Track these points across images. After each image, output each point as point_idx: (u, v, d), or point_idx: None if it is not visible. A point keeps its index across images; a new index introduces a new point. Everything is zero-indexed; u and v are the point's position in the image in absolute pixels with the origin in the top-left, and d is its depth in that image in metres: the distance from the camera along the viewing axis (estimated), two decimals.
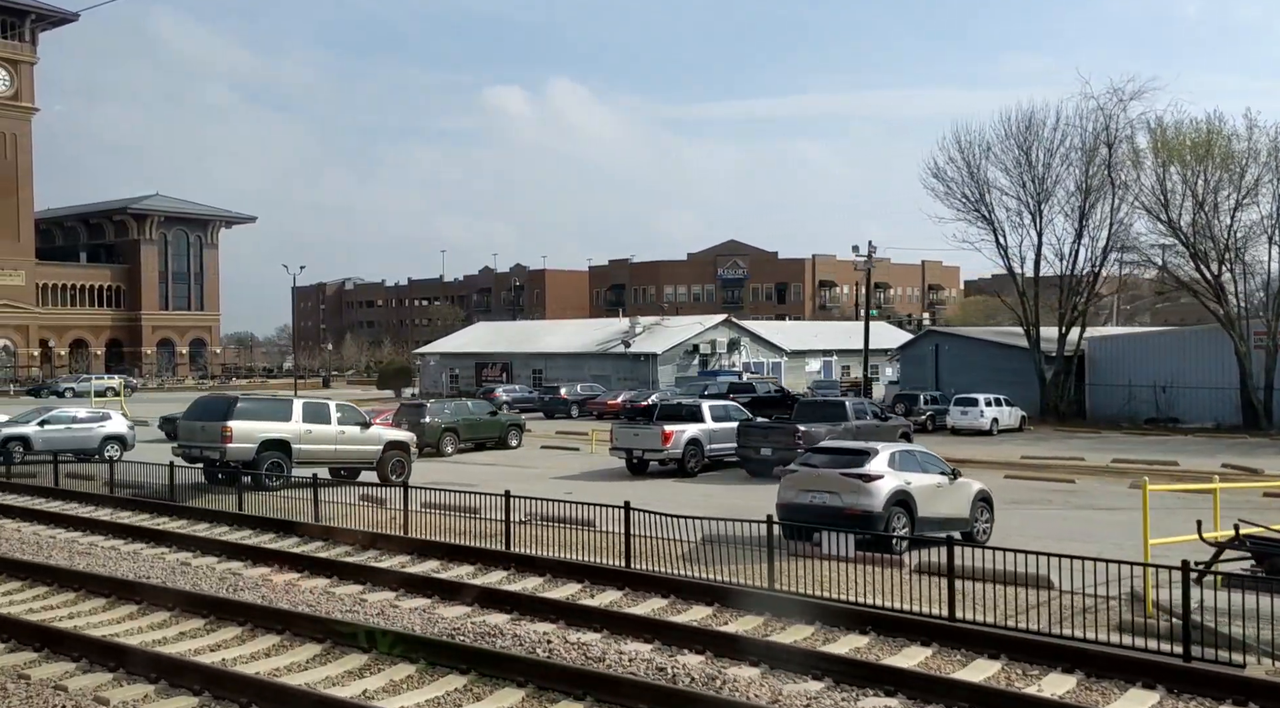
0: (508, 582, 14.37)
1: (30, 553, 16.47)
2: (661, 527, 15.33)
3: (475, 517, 18.81)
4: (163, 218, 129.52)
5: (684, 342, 62.52)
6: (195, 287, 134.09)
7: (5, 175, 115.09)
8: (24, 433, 32.60)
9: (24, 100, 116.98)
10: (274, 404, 25.88)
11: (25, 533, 18.97)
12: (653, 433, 27.35)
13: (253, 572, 15.05)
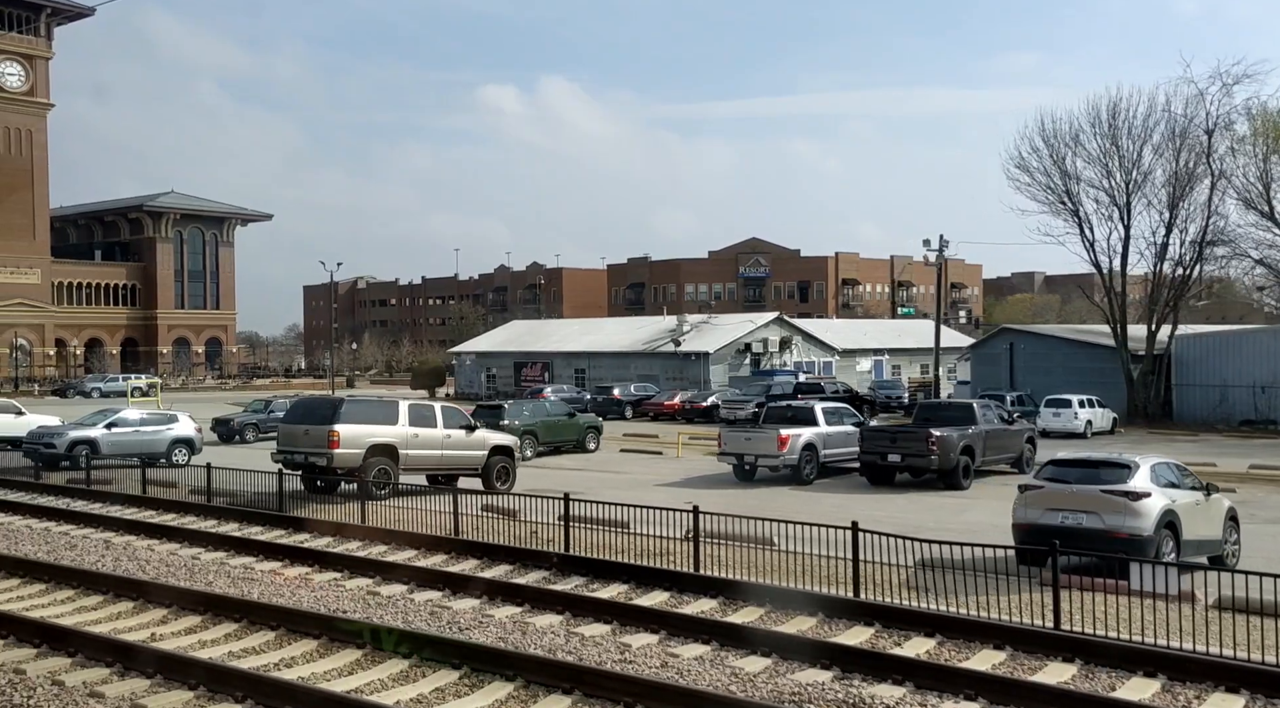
0: (767, 621, 12.31)
1: (183, 577, 14.94)
2: (872, 548, 13.80)
3: (628, 532, 17.29)
4: (178, 215, 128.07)
5: (735, 340, 60.96)
6: (211, 285, 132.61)
7: (20, 172, 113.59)
8: (92, 436, 31.06)
9: (38, 96, 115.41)
10: (379, 406, 24.30)
11: (142, 549, 17.47)
12: (767, 437, 25.81)
13: (500, 612, 12.73)
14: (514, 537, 18.09)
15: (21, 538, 18.15)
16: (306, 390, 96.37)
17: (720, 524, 15.61)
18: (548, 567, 14.83)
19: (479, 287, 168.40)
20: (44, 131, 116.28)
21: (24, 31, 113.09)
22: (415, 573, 14.42)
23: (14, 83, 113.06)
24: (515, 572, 15.05)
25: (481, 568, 15.44)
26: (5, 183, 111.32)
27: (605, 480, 27.67)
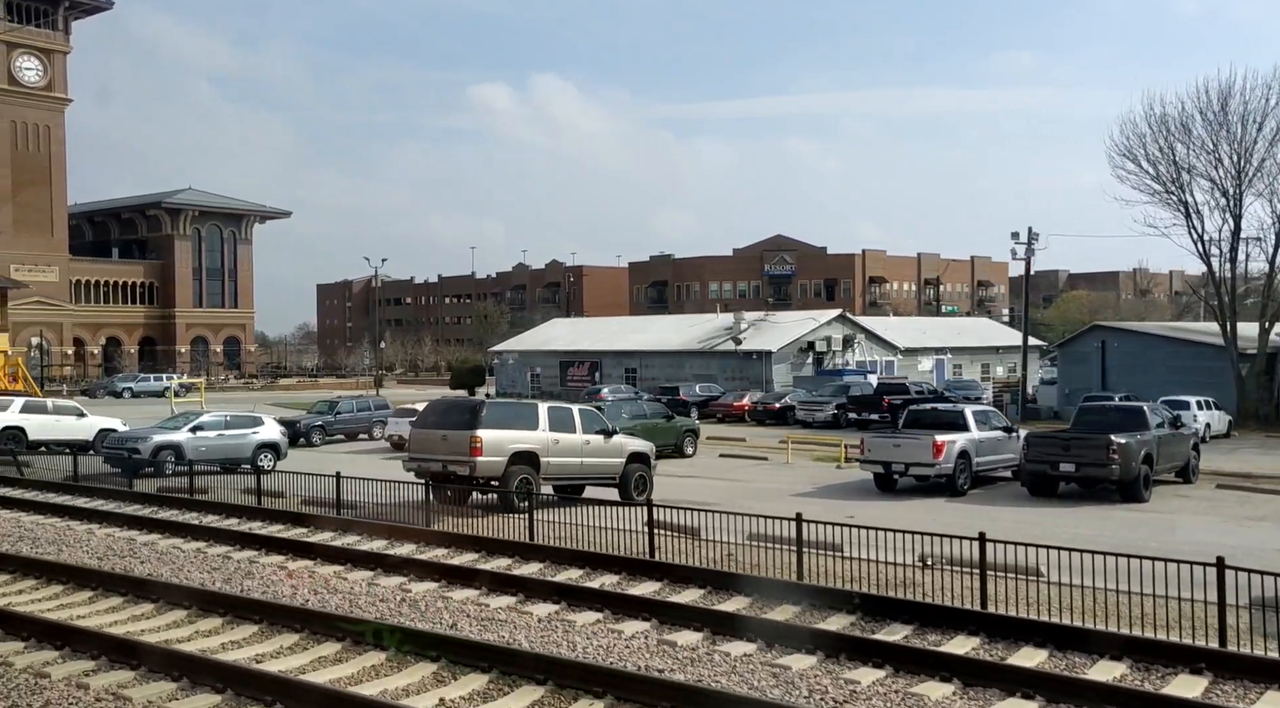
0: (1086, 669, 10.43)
1: (388, 611, 13.04)
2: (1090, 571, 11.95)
3: (843, 557, 15.39)
4: (196, 212, 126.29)
5: (798, 339, 59.07)
6: (229, 283, 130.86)
7: (38, 168, 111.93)
8: (176, 441, 29.25)
9: (56, 91, 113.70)
10: (520, 409, 22.42)
11: (302, 573, 15.60)
12: (920, 444, 23.96)
13: (802, 664, 10.47)
14: (718, 560, 16.20)
15: (181, 562, 16.18)
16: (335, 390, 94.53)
17: (1007, 555, 13.53)
18: (848, 610, 12.57)
19: (496, 285, 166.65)
20: (61, 127, 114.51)
21: (41, 25, 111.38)
22: (697, 615, 12.30)
23: (32, 77, 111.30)
24: (808, 615, 12.62)
25: (759, 607, 12.94)
26: (23, 179, 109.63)
27: (731, 490, 25.86)
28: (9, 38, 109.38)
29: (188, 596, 12.74)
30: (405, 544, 17.74)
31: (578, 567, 15.53)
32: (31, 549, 16.46)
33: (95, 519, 19.74)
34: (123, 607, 12.86)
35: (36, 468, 30.82)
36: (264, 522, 20.34)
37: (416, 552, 17.09)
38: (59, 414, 37.96)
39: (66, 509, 20.86)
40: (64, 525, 18.84)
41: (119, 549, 16.47)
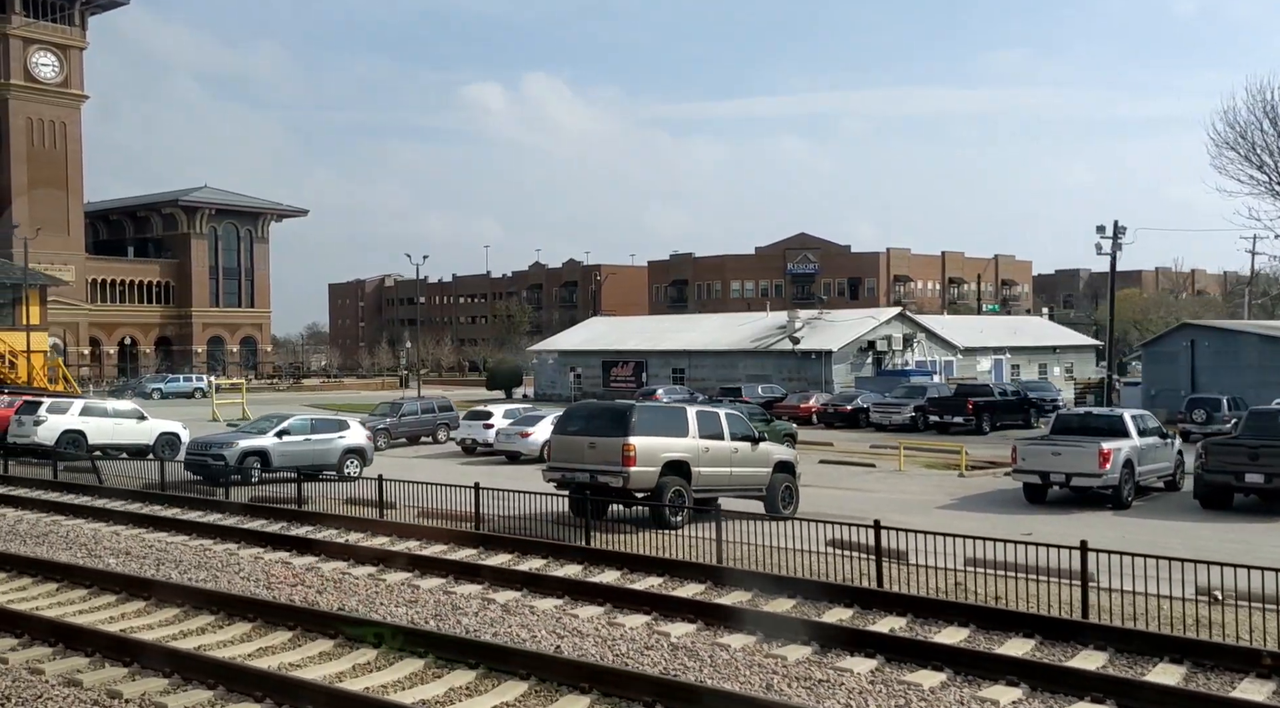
0: None
1: (591, 647, 11.36)
2: None
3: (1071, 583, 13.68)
4: (213, 211, 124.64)
5: (858, 338, 57.36)
6: (246, 282, 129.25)
7: (54, 165, 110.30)
8: (263, 447, 27.54)
9: (73, 87, 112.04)
10: (668, 413, 20.65)
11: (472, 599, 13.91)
12: (1084, 452, 22.23)
13: None
14: (947, 589, 14.47)
15: (372, 593, 14.32)
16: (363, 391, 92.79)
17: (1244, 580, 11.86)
18: (1259, 674, 10.37)
19: (512, 285, 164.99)
20: (78, 124, 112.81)
21: (58, 21, 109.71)
22: (1087, 683, 10.03)
23: (48, 73, 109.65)
24: (1208, 679, 10.59)
25: (1129, 665, 10.87)
26: (39, 177, 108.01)
27: (861, 501, 24.16)
28: (25, 33, 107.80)
29: (422, 641, 10.97)
30: (568, 564, 16.07)
31: (791, 595, 13.77)
32: (183, 574, 14.75)
33: (227, 537, 18.01)
34: (346, 653, 11.17)
35: (107, 474, 29.11)
36: (389, 537, 18.57)
37: (584, 574, 15.38)
38: (118, 417, 36.31)
39: (184, 525, 19.13)
40: (199, 545, 17.14)
41: (281, 575, 14.75)
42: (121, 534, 17.95)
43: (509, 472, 31.55)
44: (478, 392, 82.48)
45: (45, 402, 35.32)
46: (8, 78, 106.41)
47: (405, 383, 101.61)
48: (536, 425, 34.45)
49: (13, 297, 52.67)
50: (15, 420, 35.15)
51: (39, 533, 17.94)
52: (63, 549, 16.52)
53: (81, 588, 13.53)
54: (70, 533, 17.94)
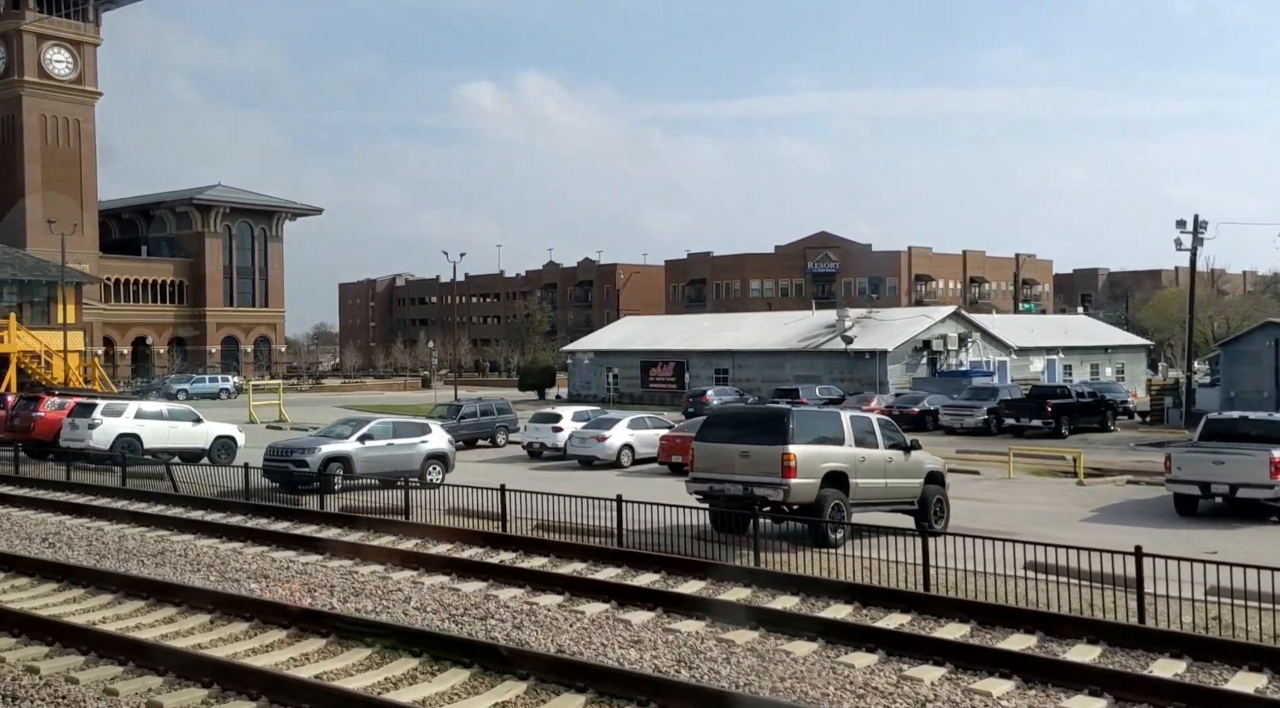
0: None
1: None
2: None
3: None
4: (227, 209, 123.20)
5: (913, 337, 55.81)
6: (260, 282, 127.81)
7: (68, 163, 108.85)
8: (346, 452, 26.04)
9: (87, 84, 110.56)
10: (823, 418, 19.10)
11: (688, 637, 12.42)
12: (1253, 461, 20.68)
13: None
14: (1206, 624, 12.92)
15: (568, 626, 12.78)
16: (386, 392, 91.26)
17: None
18: None
19: (526, 284, 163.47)
20: (92, 121, 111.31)
21: (71, 17, 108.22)
22: None
23: (62, 70, 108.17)
24: None
25: None
26: (53, 175, 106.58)
27: (991, 512, 22.68)
28: (39, 29, 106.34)
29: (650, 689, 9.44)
30: (733, 585, 14.54)
31: (1151, 650, 11.54)
32: (357, 606, 13.18)
33: (367, 557, 16.45)
34: None
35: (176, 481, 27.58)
36: (556, 559, 16.97)
37: (753, 598, 13.83)
38: (174, 420, 34.82)
39: (307, 543, 17.56)
40: (339, 566, 15.59)
41: (460, 605, 13.19)
42: (244, 553, 16.47)
43: (586, 478, 30.07)
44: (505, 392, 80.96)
45: (100, 404, 33.80)
46: (21, 74, 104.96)
47: (427, 383, 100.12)
48: (613, 429, 33.01)
49: (47, 295, 51.18)
50: (68, 423, 33.68)
51: (152, 551, 16.43)
52: (190, 570, 15.01)
53: (278, 628, 11.78)
54: (187, 551, 16.44)
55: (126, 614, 12.48)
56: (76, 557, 16.16)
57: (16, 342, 46.85)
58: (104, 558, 15.82)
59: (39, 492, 25.29)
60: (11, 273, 51.76)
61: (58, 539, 17.41)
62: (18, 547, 16.86)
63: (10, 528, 18.39)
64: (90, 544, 16.88)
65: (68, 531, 18.25)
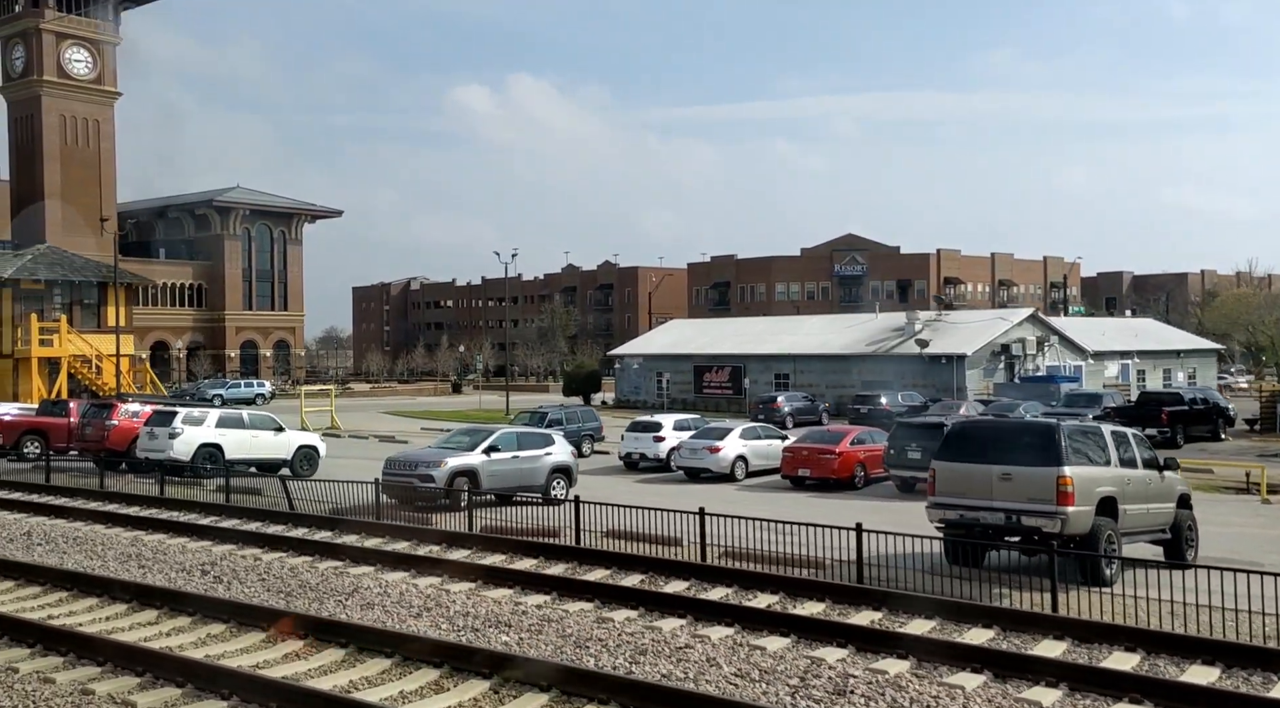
0: None
1: None
2: None
3: None
4: (246, 211, 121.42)
5: (991, 341, 53.73)
6: (279, 285, 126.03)
7: (87, 164, 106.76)
8: (473, 466, 23.96)
9: (106, 84, 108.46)
10: (1086, 433, 16.58)
11: None
12: None
13: None
14: None
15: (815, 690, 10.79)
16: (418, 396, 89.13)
17: None
18: None
19: (544, 287, 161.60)
20: (111, 122, 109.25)
21: (91, 16, 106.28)
22: None
23: (81, 70, 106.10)
24: None
25: None
26: (72, 176, 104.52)
27: (1227, 538, 20.42)
28: (58, 28, 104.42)
29: None
30: (1041, 638, 12.41)
31: None
32: (609, 661, 11.12)
33: (567, 592, 14.41)
34: None
35: (272, 496, 25.50)
36: (787, 597, 14.89)
37: (1093, 657, 11.72)
38: (256, 428, 32.74)
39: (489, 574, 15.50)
40: (593, 613, 13.51)
41: (737, 667, 11.12)
42: (418, 584, 14.45)
43: (711, 493, 28.06)
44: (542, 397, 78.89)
45: (179, 412, 31.68)
46: (40, 74, 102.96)
47: (457, 388, 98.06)
48: (726, 440, 30.95)
49: (97, 297, 49.02)
50: (146, 433, 31.60)
51: (340, 588, 14.30)
52: (407, 614, 12.89)
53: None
54: (356, 585, 14.36)
55: (392, 679, 10.42)
56: (252, 591, 14.10)
57: (68, 345, 44.75)
58: (292, 596, 13.74)
59: (147, 510, 23.25)
60: (61, 274, 49.59)
61: (219, 570, 15.34)
62: (179, 580, 14.80)
63: (155, 557, 16.32)
64: (263, 578, 14.80)
65: (225, 561, 16.14)
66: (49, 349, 45.44)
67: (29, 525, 19.26)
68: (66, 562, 16.01)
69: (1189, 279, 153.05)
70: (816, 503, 25.21)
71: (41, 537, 18.12)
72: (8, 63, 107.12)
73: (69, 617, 12.78)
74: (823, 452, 27.69)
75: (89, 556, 16.34)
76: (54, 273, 49.79)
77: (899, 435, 26.56)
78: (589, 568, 16.49)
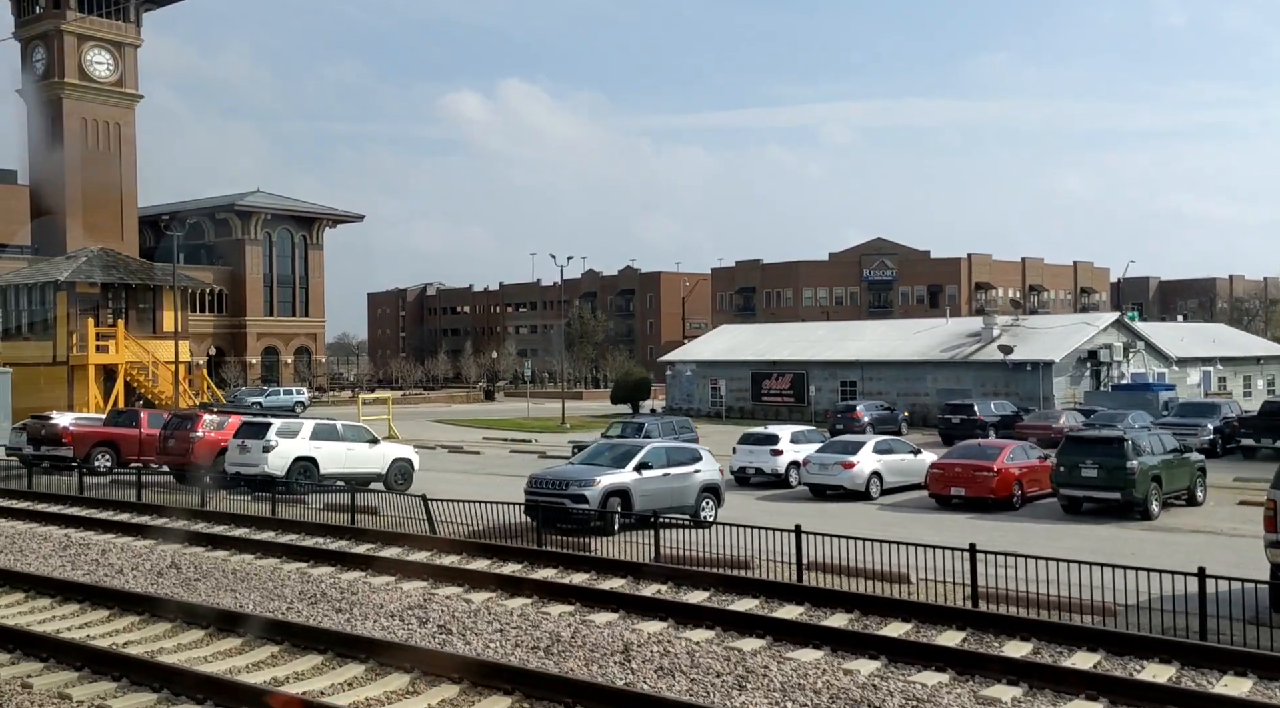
0: None
1: None
2: None
3: None
4: (268, 216, 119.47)
5: (1077, 347, 51.67)
6: (300, 290, 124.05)
7: (108, 168, 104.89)
8: (625, 484, 21.92)
9: (127, 86, 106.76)
10: None
11: None
12: None
13: None
14: None
15: None
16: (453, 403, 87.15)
17: None
18: None
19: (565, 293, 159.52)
20: (132, 124, 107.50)
21: (113, 17, 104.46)
22: None
23: (102, 72, 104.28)
24: None
25: None
26: (93, 179, 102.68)
27: None
28: (79, 29, 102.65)
29: None
30: None
31: None
32: None
33: (839, 645, 12.37)
34: None
35: (391, 515, 23.48)
36: None
37: None
38: (350, 441, 30.74)
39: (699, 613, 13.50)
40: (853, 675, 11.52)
41: None
42: (642, 630, 12.41)
43: (845, 512, 26.18)
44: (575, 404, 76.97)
45: (274, 423, 29.65)
46: (62, 76, 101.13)
47: (490, 396, 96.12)
48: (859, 453, 28.93)
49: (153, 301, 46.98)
50: (236, 446, 29.57)
51: (580, 643, 12.29)
52: (690, 683, 10.89)
53: None
54: (625, 643, 12.30)
55: None
56: (505, 649, 12.08)
57: (125, 352, 42.66)
58: (554, 655, 11.71)
59: (283, 535, 21.20)
60: (118, 276, 47.54)
61: (439, 617, 13.33)
62: (409, 634, 12.74)
63: (348, 598, 14.24)
64: (502, 629, 12.78)
65: (437, 605, 14.06)
66: (106, 356, 43.32)
67: (170, 556, 17.23)
68: (247, 602, 14.02)
69: (1217, 284, 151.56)
70: (993, 527, 23.23)
71: (193, 570, 16.11)
72: (29, 64, 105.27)
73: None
74: (978, 468, 25.69)
75: (267, 596, 14.32)
76: (110, 275, 47.70)
77: (1070, 451, 24.58)
78: (827, 611, 14.49)
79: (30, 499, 26.72)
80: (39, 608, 13.97)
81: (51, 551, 17.92)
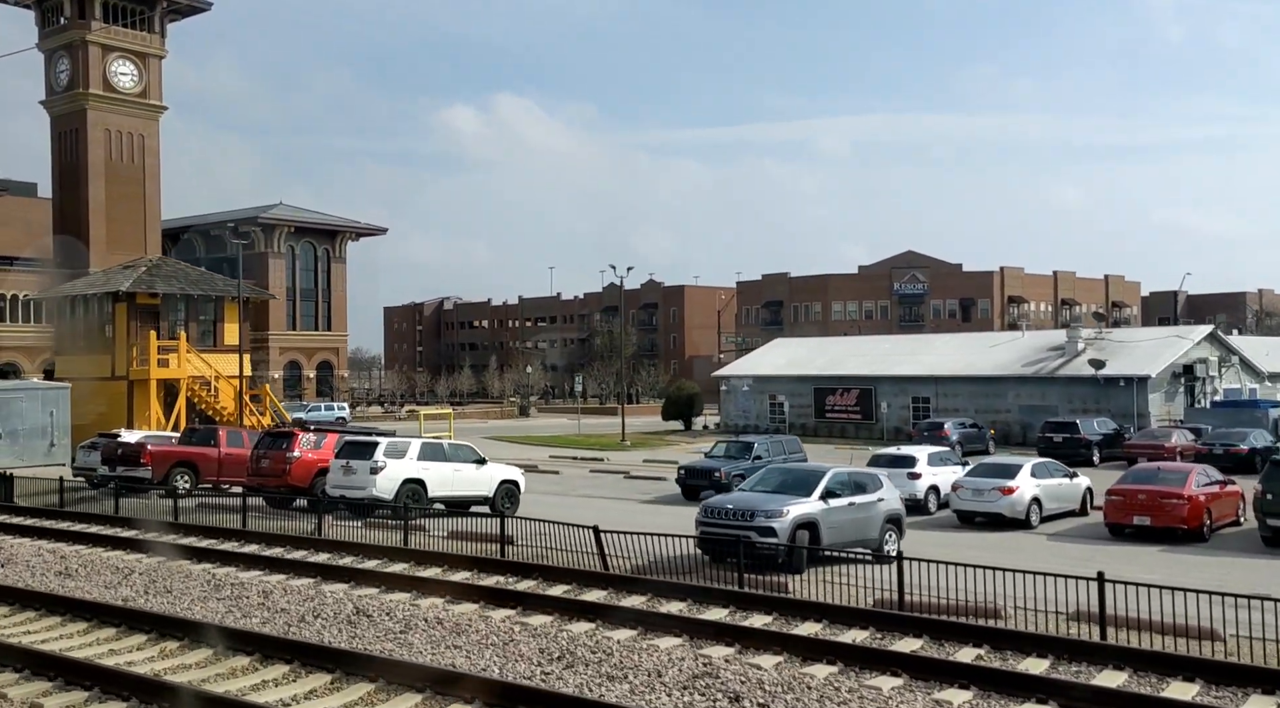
0: None
1: None
2: None
3: None
4: (291, 229, 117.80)
5: (1172, 362, 49.53)
6: (323, 304, 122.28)
7: (132, 180, 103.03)
8: (812, 515, 19.71)
9: (152, 98, 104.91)
10: None
11: None
12: None
13: None
14: None
15: None
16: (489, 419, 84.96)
17: None
18: None
19: (584, 307, 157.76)
20: (156, 136, 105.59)
21: (137, 28, 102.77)
22: None
23: (127, 83, 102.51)
24: None
25: None
26: (117, 192, 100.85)
27: None
28: (104, 40, 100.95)
29: None
30: None
31: None
32: None
33: None
34: None
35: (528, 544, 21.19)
36: None
37: None
38: (457, 461, 28.62)
39: None
40: None
41: None
42: None
43: (1014, 543, 24.26)
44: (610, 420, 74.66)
45: (380, 442, 27.48)
46: (86, 87, 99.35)
47: (524, 411, 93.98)
48: (1018, 477, 26.75)
49: (214, 313, 44.88)
50: (338, 467, 27.42)
51: None
52: None
53: None
54: None
55: None
56: None
57: (187, 366, 40.44)
58: None
59: (427, 569, 18.90)
60: (180, 287, 45.44)
61: (703, 681, 11.11)
62: (671, 701, 10.51)
63: (572, 654, 12.00)
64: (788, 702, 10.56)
65: (728, 672, 11.78)
66: (168, 370, 41.09)
67: (349, 600, 14.96)
68: (458, 660, 11.81)
69: (1246, 298, 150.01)
70: (1207, 563, 21.07)
71: (388, 618, 13.88)
72: (52, 76, 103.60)
73: None
74: (1166, 495, 23.50)
75: (508, 658, 12.06)
76: (171, 286, 45.62)
77: (1276, 476, 22.39)
78: (1152, 677, 12.31)
79: (128, 526, 24.41)
80: (272, 680, 11.70)
81: (204, 591, 15.69)
